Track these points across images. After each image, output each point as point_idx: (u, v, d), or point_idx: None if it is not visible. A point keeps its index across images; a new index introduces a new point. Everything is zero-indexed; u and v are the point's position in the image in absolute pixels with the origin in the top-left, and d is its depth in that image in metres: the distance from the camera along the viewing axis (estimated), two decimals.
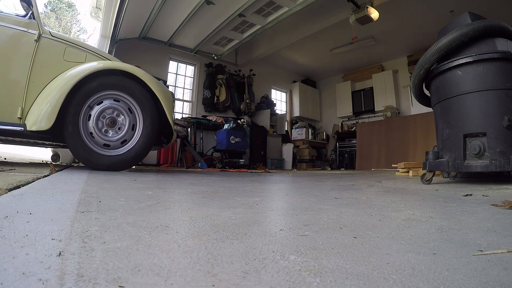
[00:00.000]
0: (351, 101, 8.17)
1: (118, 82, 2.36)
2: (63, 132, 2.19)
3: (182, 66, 6.70)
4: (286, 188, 1.51)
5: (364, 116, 8.01)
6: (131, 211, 0.72)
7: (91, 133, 2.29)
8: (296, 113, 8.47)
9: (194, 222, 0.62)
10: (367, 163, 6.15)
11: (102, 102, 2.35)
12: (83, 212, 0.67)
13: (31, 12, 2.26)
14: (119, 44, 5.21)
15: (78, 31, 30.76)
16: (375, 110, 7.61)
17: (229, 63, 6.98)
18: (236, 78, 7.10)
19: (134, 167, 4.21)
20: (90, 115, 2.32)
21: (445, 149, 1.75)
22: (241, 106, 6.86)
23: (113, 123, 2.36)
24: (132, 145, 2.39)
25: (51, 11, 28.85)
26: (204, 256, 0.41)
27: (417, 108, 5.96)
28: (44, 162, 4.02)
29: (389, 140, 6.00)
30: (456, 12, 4.91)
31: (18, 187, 1.05)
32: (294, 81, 8.68)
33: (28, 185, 1.11)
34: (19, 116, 2.15)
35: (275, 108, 7.74)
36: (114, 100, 2.39)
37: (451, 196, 1.17)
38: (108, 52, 4.88)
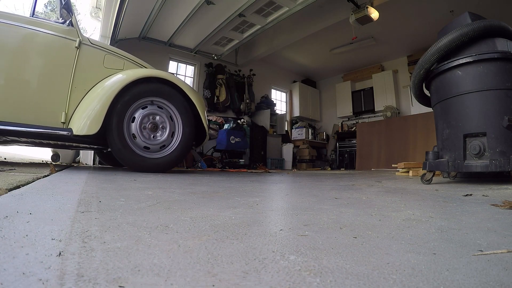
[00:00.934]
0: (351, 101, 8.17)
1: (161, 90, 2.48)
2: (108, 135, 2.26)
3: (182, 66, 6.70)
4: (286, 188, 1.51)
5: (364, 116, 8.01)
6: (131, 211, 0.72)
7: (133, 134, 2.39)
8: (296, 113, 8.47)
9: (194, 222, 0.62)
10: (367, 163, 6.15)
11: (146, 107, 2.47)
12: (83, 212, 0.67)
13: (69, 19, 2.32)
14: (119, 44, 5.21)
15: None
16: (375, 110, 7.61)
17: (229, 63, 6.98)
18: (236, 78, 7.10)
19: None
20: (134, 118, 2.41)
21: (445, 149, 1.75)
22: (241, 106, 6.86)
23: (155, 128, 2.48)
24: (171, 151, 2.51)
25: (51, 11, 28.84)
26: (204, 256, 0.41)
27: (417, 108, 5.96)
28: (44, 162, 4.02)
29: (389, 140, 5.99)
30: (456, 12, 4.91)
31: (18, 187, 1.05)
32: (294, 81, 8.68)
33: (28, 185, 1.11)
34: (62, 120, 2.21)
35: (275, 108, 7.74)
36: (158, 106, 2.52)
37: (451, 196, 1.17)
38: None
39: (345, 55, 7.19)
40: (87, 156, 4.68)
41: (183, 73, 6.73)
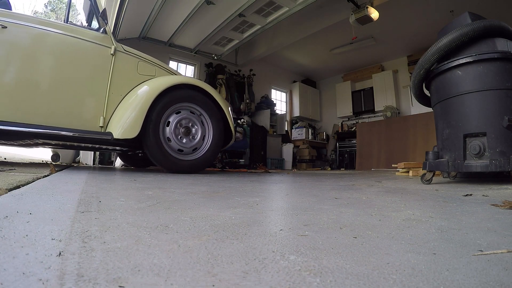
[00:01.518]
0: (351, 101, 8.16)
1: (194, 96, 2.64)
2: (144, 139, 2.36)
3: (182, 66, 6.70)
4: (286, 188, 1.51)
5: (364, 116, 8.01)
6: (131, 211, 0.72)
7: (168, 138, 2.51)
8: (296, 113, 8.47)
9: (194, 222, 0.62)
10: (367, 163, 6.15)
11: (180, 112, 2.60)
12: (83, 212, 0.67)
13: (104, 27, 2.43)
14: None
15: None
16: (375, 110, 7.61)
17: (229, 63, 6.98)
18: (236, 78, 7.10)
19: (133, 167, 4.21)
20: (169, 122, 2.53)
21: (445, 149, 1.75)
22: (241, 106, 6.86)
23: (188, 132, 2.63)
24: (203, 153, 2.67)
25: (51, 11, 28.86)
26: (204, 256, 0.41)
27: (417, 108, 5.96)
28: (44, 162, 4.02)
29: (389, 140, 5.99)
30: (456, 12, 4.91)
31: (18, 187, 1.05)
32: (294, 81, 8.67)
33: (28, 185, 1.11)
34: (101, 125, 2.31)
35: (275, 108, 7.74)
36: (190, 112, 2.67)
37: (451, 196, 1.17)
38: None
39: (345, 55, 7.19)
40: (87, 156, 4.68)
41: (183, 73, 6.74)
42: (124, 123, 2.24)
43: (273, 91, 8.38)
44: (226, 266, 0.37)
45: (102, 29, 2.43)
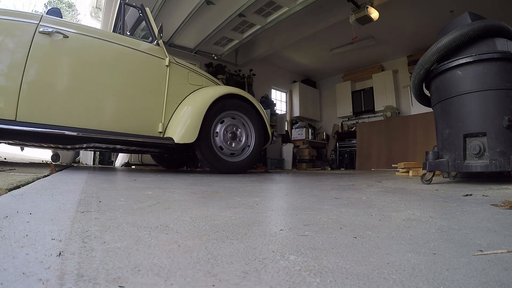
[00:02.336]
0: (351, 101, 8.16)
1: (242, 105, 2.94)
2: (200, 143, 2.56)
3: None
4: (286, 188, 1.51)
5: (364, 116, 8.01)
6: (131, 211, 0.72)
7: (220, 147, 2.76)
8: (296, 113, 8.47)
9: (194, 222, 0.62)
10: (367, 163, 6.15)
11: (223, 120, 2.83)
12: (83, 212, 0.67)
13: (157, 40, 2.64)
14: None
15: None
16: (375, 110, 7.60)
17: (229, 63, 6.98)
18: (236, 78, 7.10)
19: (134, 167, 4.21)
20: (217, 133, 2.76)
21: (445, 149, 1.75)
22: None
23: (234, 136, 2.88)
24: (247, 154, 2.95)
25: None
26: (204, 256, 0.41)
27: (417, 108, 5.96)
28: (44, 162, 4.01)
29: (389, 140, 5.99)
30: (456, 12, 4.91)
31: (18, 187, 1.05)
32: (294, 81, 8.67)
33: (28, 185, 1.11)
34: (160, 130, 2.50)
35: (275, 108, 7.73)
36: (232, 117, 2.90)
37: (451, 196, 1.17)
38: None
39: (345, 55, 7.19)
40: (87, 156, 4.68)
41: None
42: (183, 129, 2.44)
43: (273, 91, 8.38)
44: (226, 266, 0.37)
45: (155, 42, 2.63)
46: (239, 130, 2.93)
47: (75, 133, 2.09)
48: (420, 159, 4.84)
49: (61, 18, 2.28)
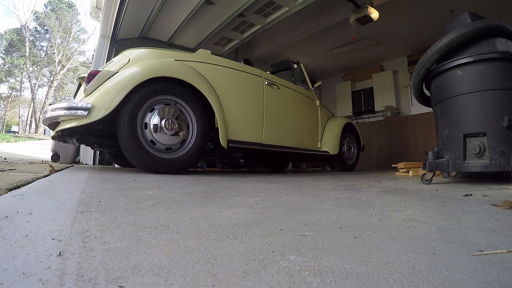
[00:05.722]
0: (351, 101, 8.16)
1: (351, 128, 4.46)
2: (340, 154, 3.91)
3: None
4: (286, 188, 1.51)
5: (364, 116, 8.00)
6: (131, 211, 0.72)
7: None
8: None
9: (194, 222, 0.62)
10: (367, 163, 6.15)
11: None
12: (83, 212, 0.67)
13: (310, 89, 3.88)
14: (119, 44, 5.21)
15: (78, 31, 30.82)
16: (375, 110, 7.60)
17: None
18: None
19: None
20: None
21: (445, 149, 1.75)
22: None
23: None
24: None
25: (51, 11, 28.85)
26: (204, 256, 0.41)
27: (417, 108, 5.96)
28: (44, 162, 4.01)
29: (389, 140, 5.99)
30: (456, 12, 4.90)
31: (18, 187, 1.05)
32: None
33: (28, 185, 1.11)
34: (318, 146, 3.69)
35: None
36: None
37: (451, 196, 1.17)
38: (108, 53, 4.89)
39: (345, 55, 7.18)
40: (87, 156, 4.68)
41: None
42: (331, 144, 3.72)
43: None
44: (226, 266, 0.37)
45: (309, 89, 3.85)
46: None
47: (286, 150, 3.11)
48: (420, 159, 4.83)
49: (251, 65, 3.20)
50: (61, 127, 2.10)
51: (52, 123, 2.30)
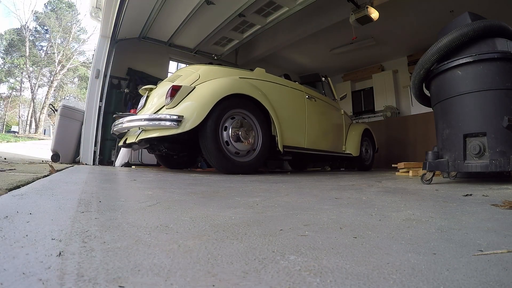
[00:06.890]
0: (351, 101, 8.16)
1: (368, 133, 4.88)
2: (360, 155, 4.39)
3: (182, 66, 6.70)
4: (286, 188, 1.51)
5: (364, 116, 8.00)
6: (131, 211, 0.72)
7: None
8: None
9: (194, 222, 0.62)
10: None
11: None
12: (83, 212, 0.67)
13: (336, 99, 4.35)
14: (119, 44, 5.21)
15: (78, 31, 30.83)
16: (375, 110, 7.60)
17: (229, 63, 6.97)
18: None
19: (134, 167, 4.22)
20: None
21: (445, 149, 1.75)
22: None
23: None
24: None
25: (51, 11, 28.86)
26: (204, 256, 0.41)
27: (417, 108, 5.96)
28: (44, 162, 4.01)
29: (389, 140, 5.99)
30: (456, 12, 4.91)
31: (18, 187, 1.05)
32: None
33: (28, 185, 1.11)
34: (343, 149, 4.16)
35: None
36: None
37: (451, 196, 1.17)
38: (108, 53, 4.89)
39: (345, 55, 7.18)
40: (87, 156, 4.68)
41: None
42: (354, 147, 4.21)
43: None
44: (226, 266, 0.37)
45: (335, 99, 4.32)
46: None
47: (322, 153, 3.59)
48: (420, 159, 4.83)
49: (291, 80, 3.74)
50: (145, 136, 2.47)
51: (122, 133, 2.81)
